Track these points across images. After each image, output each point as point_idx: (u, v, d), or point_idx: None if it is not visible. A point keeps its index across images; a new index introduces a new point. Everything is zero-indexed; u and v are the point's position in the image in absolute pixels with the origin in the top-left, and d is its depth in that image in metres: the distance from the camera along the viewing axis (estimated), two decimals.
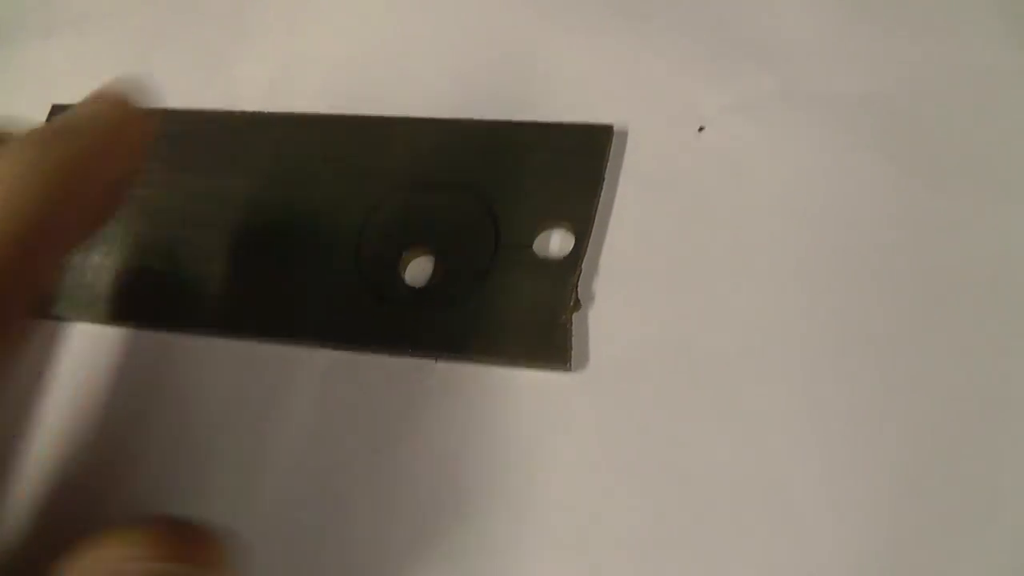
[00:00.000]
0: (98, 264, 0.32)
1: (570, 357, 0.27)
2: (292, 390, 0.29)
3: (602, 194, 0.29)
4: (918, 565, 0.23)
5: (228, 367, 0.30)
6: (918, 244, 0.27)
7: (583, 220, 0.29)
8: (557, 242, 0.29)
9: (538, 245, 0.29)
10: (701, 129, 0.30)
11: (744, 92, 0.30)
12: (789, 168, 0.29)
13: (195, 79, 0.36)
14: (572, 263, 0.28)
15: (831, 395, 0.25)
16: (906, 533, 0.23)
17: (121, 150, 0.24)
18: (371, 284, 0.29)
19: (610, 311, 0.28)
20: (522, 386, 0.28)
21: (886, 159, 0.28)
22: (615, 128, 0.30)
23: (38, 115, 0.36)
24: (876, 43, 0.30)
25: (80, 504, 0.29)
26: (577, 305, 0.28)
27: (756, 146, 0.29)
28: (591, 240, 0.29)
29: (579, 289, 0.28)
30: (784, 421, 0.25)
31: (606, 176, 0.30)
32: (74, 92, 0.36)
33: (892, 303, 0.26)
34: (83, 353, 0.32)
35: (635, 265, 0.29)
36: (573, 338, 0.28)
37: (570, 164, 0.30)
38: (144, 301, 0.32)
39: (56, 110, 0.36)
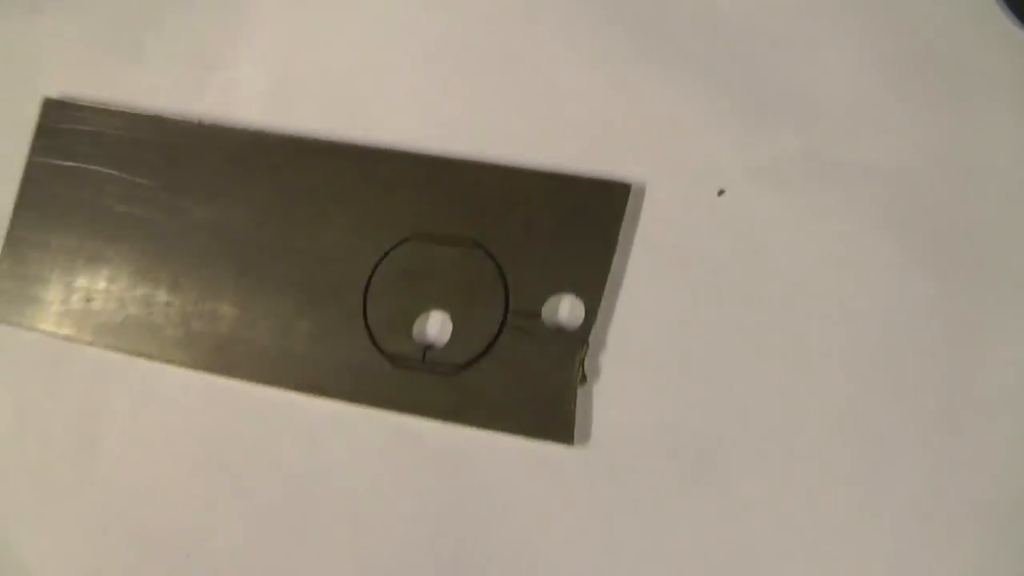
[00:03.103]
0: (104, 289, 0.32)
1: (573, 434, 0.28)
2: (282, 439, 0.30)
3: (615, 258, 0.29)
4: None
5: (218, 406, 0.31)
6: (924, 344, 0.27)
7: (594, 290, 0.29)
8: (566, 310, 0.29)
9: (547, 311, 0.29)
10: (721, 192, 0.29)
11: (768, 154, 0.29)
12: (804, 245, 0.28)
13: (190, 78, 0.34)
14: (581, 336, 0.28)
15: (825, 489, 0.26)
16: None
17: None
18: (378, 339, 0.30)
19: (616, 388, 0.29)
20: (522, 454, 0.29)
21: (902, 248, 0.27)
22: (632, 186, 0.29)
23: (29, 106, 0.34)
24: (908, 117, 0.28)
25: None
26: (584, 380, 0.28)
27: (774, 216, 0.29)
28: (601, 310, 0.29)
29: (586, 363, 0.28)
30: (778, 517, 0.26)
31: (620, 237, 0.29)
32: (65, 82, 0.35)
33: (892, 400, 0.26)
34: (87, 378, 0.32)
35: (644, 341, 0.29)
36: (577, 412, 0.28)
37: (583, 225, 0.29)
38: (146, 332, 0.31)
39: (49, 104, 0.34)
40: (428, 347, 0.30)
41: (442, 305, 0.29)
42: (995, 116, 0.28)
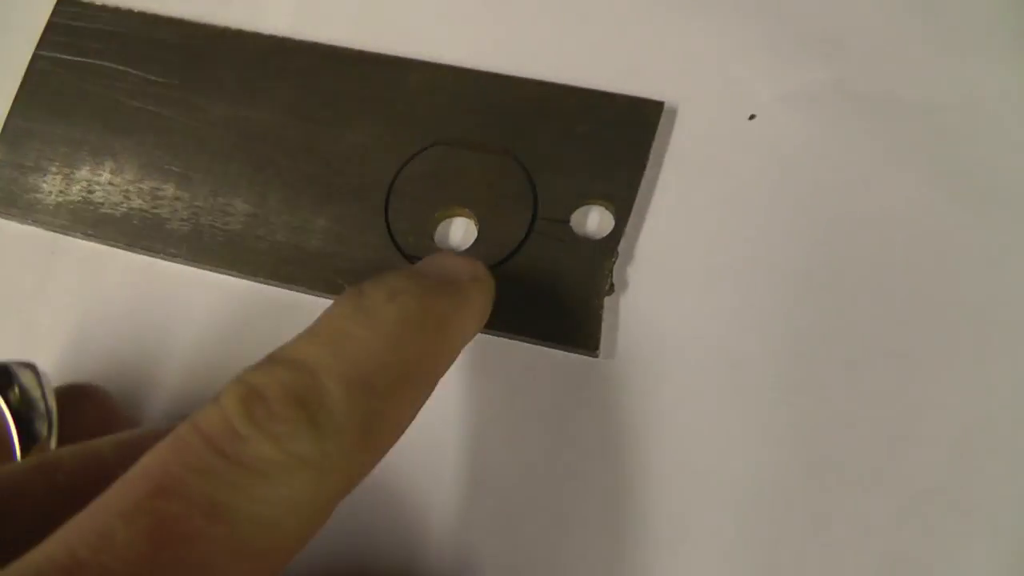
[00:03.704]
0: (107, 181, 0.31)
1: (599, 343, 0.27)
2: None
3: (645, 174, 0.29)
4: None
5: (229, 306, 0.29)
6: (947, 270, 0.27)
7: (624, 200, 0.28)
8: (595, 220, 0.29)
9: (576, 221, 0.28)
10: (752, 117, 0.29)
11: (798, 83, 0.30)
12: (833, 171, 0.28)
13: None
14: (610, 245, 0.28)
15: (853, 404, 0.26)
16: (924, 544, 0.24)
17: (481, 317, 0.23)
18: (399, 241, 0.28)
19: (643, 300, 0.28)
20: (546, 364, 0.28)
21: (928, 178, 0.27)
22: (665, 105, 0.29)
23: (44, 9, 0.33)
24: (936, 53, 0.29)
25: None
26: (611, 289, 0.28)
27: (803, 142, 0.29)
28: (630, 224, 0.28)
29: (614, 274, 0.28)
30: (803, 432, 0.26)
31: (651, 155, 0.29)
32: None
33: (913, 321, 0.26)
34: (83, 272, 0.30)
35: (672, 254, 0.28)
36: (603, 324, 0.27)
37: (616, 139, 0.29)
38: (150, 226, 0.30)
39: (62, 3, 0.33)
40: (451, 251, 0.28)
41: (467, 210, 0.29)
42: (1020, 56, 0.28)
